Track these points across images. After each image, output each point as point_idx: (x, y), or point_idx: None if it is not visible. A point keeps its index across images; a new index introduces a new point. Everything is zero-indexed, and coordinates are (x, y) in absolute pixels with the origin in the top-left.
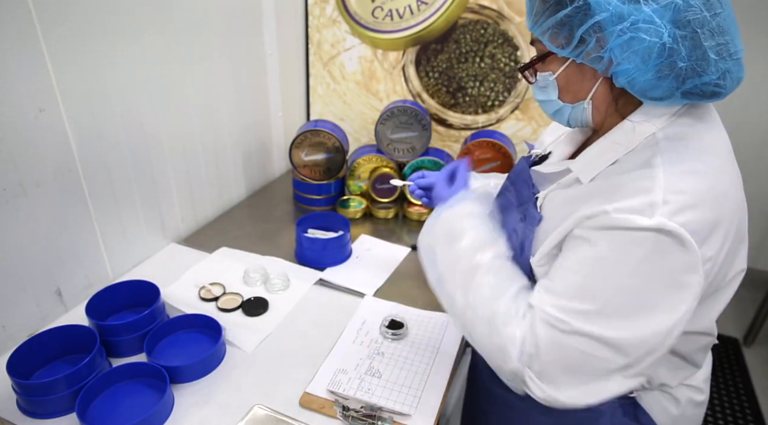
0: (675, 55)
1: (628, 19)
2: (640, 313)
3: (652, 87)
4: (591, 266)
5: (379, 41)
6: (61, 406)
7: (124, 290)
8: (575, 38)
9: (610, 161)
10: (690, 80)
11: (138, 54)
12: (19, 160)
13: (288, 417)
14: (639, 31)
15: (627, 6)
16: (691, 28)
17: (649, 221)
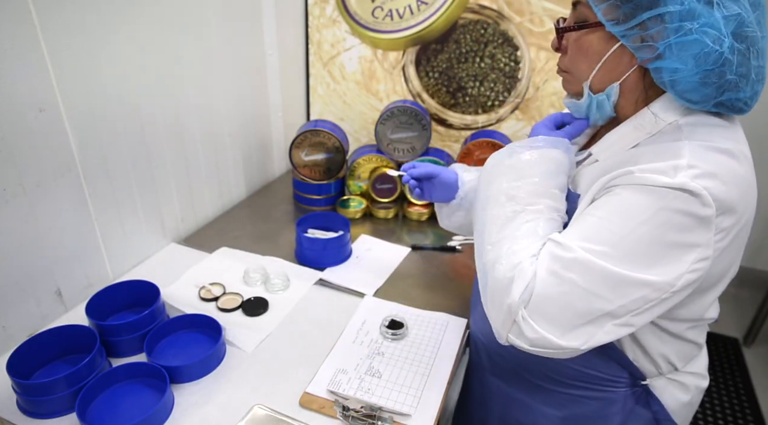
0: (727, 65)
1: (698, 19)
2: (645, 261)
3: (692, 90)
4: (607, 211)
5: (379, 41)
6: (61, 406)
7: (124, 290)
8: (635, 19)
9: (631, 144)
10: (728, 93)
11: (138, 54)
12: (19, 160)
13: (288, 417)
14: (704, 35)
15: (700, 6)
16: (746, 44)
17: (671, 179)
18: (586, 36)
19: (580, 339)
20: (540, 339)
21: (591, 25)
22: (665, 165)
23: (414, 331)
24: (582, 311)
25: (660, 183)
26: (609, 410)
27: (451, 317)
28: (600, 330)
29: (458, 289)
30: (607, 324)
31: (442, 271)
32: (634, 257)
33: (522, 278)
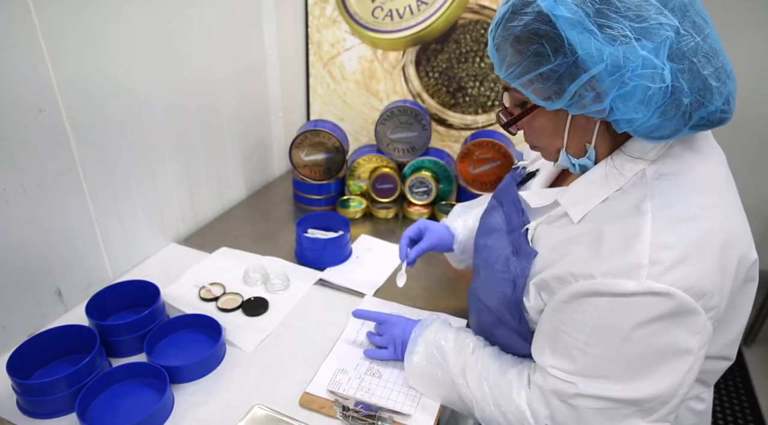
0: (677, 92)
1: (627, 66)
2: (643, 376)
3: (657, 128)
4: (586, 334)
5: (379, 41)
6: (61, 406)
7: (124, 290)
8: (567, 92)
9: (600, 198)
10: (696, 113)
11: (138, 54)
12: (19, 160)
13: (288, 417)
14: (641, 78)
15: (622, 50)
16: (687, 60)
17: (636, 284)
18: (533, 119)
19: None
20: None
21: (531, 109)
22: (627, 264)
23: None
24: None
25: (625, 291)
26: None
27: (451, 317)
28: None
29: (458, 289)
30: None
31: (442, 271)
32: (632, 373)
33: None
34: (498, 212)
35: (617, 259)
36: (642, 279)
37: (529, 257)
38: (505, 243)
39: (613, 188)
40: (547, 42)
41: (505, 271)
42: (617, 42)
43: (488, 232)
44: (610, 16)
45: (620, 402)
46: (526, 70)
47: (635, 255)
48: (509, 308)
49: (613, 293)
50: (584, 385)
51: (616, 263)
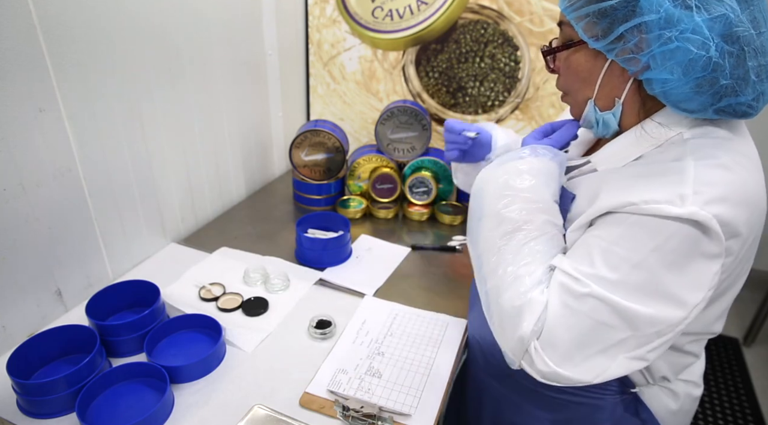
0: (719, 70)
1: (678, 26)
2: (658, 293)
3: (686, 99)
4: (617, 239)
5: (379, 41)
6: (61, 406)
7: (124, 290)
8: (613, 33)
9: (634, 155)
10: (726, 98)
11: (138, 54)
12: (19, 160)
13: (288, 417)
14: (687, 41)
15: (678, 11)
16: (738, 45)
17: (679, 209)
18: (573, 55)
19: (592, 372)
20: (552, 374)
21: (575, 44)
22: (671, 194)
23: (414, 331)
24: (595, 345)
25: (668, 214)
26: (598, 416)
27: (451, 318)
28: (613, 362)
29: (458, 289)
30: (620, 356)
31: (442, 271)
32: (647, 288)
33: (532, 309)
34: None
35: (660, 190)
36: (686, 206)
37: (568, 199)
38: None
39: (647, 147)
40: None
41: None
42: (677, 1)
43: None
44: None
45: (624, 318)
46: (588, 2)
47: (679, 187)
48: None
49: (653, 214)
50: (597, 286)
51: (660, 194)
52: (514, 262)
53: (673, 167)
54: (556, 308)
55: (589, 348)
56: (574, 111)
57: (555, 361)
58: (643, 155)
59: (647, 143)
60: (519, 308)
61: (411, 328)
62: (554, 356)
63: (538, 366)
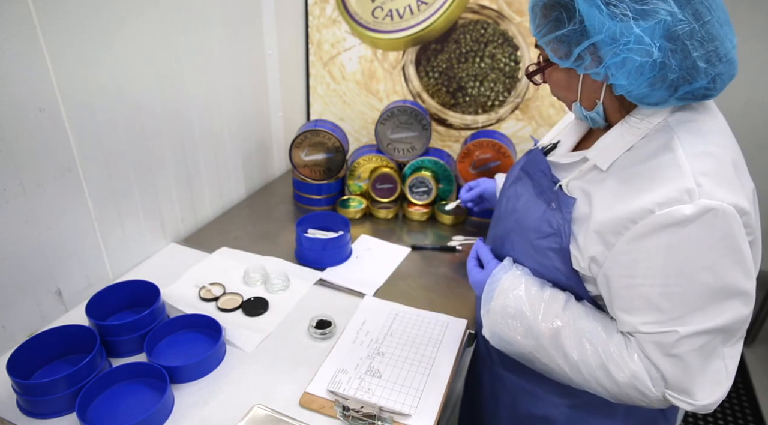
0: (666, 68)
1: (621, 40)
2: (727, 297)
3: (646, 95)
4: (661, 277)
5: (379, 41)
6: (61, 406)
7: (124, 290)
8: (573, 55)
9: (626, 146)
10: (681, 88)
11: (138, 54)
12: (19, 160)
13: (288, 417)
14: (631, 52)
15: (619, 26)
16: (680, 42)
17: (693, 207)
18: (552, 73)
19: (723, 382)
20: (702, 407)
21: (549, 64)
22: (677, 190)
23: (414, 331)
24: (709, 362)
25: (686, 216)
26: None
27: (451, 318)
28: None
29: (458, 289)
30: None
31: (442, 271)
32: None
33: (639, 377)
34: (524, 181)
35: (667, 188)
36: (696, 200)
37: (569, 204)
38: (537, 204)
39: (638, 136)
40: (564, 11)
41: (545, 226)
42: (617, 18)
43: (515, 199)
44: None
45: (715, 332)
46: (548, 31)
47: (682, 182)
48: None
49: (673, 223)
50: (682, 328)
51: (668, 193)
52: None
53: (667, 161)
54: (665, 363)
55: (708, 368)
56: (569, 107)
57: (695, 398)
58: (634, 146)
59: (634, 134)
60: (631, 386)
61: (411, 328)
62: (691, 396)
63: (689, 408)
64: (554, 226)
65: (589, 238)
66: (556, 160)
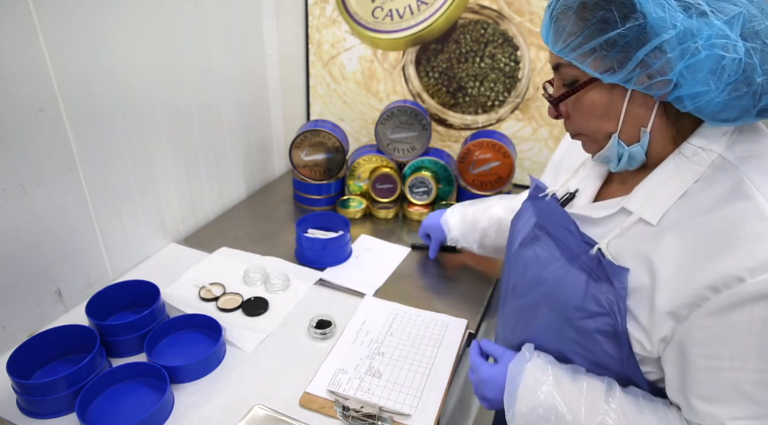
0: (750, 69)
1: (700, 35)
2: None
3: (725, 108)
4: (758, 360)
5: (379, 41)
6: (61, 406)
7: (124, 290)
8: (632, 61)
9: (679, 192)
10: (765, 96)
11: (139, 55)
12: (19, 160)
13: (288, 417)
14: (714, 48)
15: (695, 21)
16: (760, 40)
17: None
18: (584, 96)
19: None
20: None
21: (585, 83)
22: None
23: (414, 331)
24: None
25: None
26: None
27: (451, 318)
28: None
29: (458, 289)
30: None
31: (442, 271)
32: None
33: None
34: (544, 241)
35: (759, 248)
36: None
37: (620, 275)
38: (573, 273)
39: (689, 180)
40: (616, 7)
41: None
42: (690, 11)
43: (538, 265)
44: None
45: None
46: (589, 38)
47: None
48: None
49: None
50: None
51: (761, 254)
52: None
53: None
54: None
55: None
56: (590, 148)
57: None
58: (688, 191)
59: (688, 173)
60: None
61: (411, 328)
62: None
63: None
64: (604, 304)
65: (657, 317)
66: (585, 213)
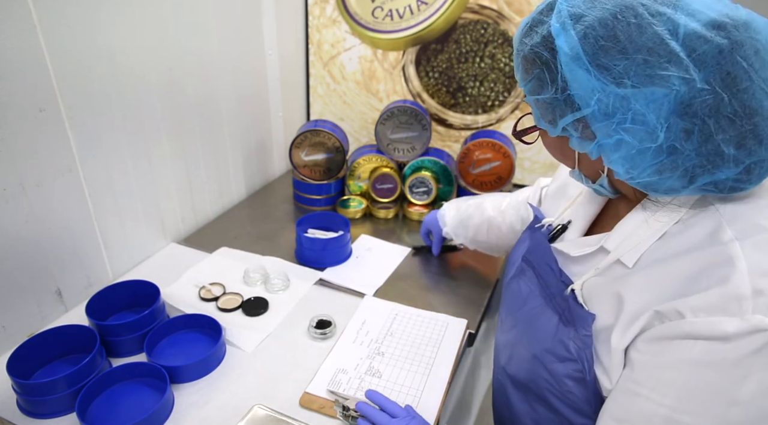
0: (676, 154)
1: (614, 117)
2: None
3: (652, 183)
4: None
5: (379, 41)
6: (61, 406)
7: (124, 290)
8: (558, 126)
9: (656, 236)
10: (700, 178)
11: (139, 55)
12: (19, 160)
13: (288, 417)
14: (628, 133)
15: (613, 98)
16: (699, 119)
17: (740, 323)
18: (544, 136)
19: None
20: None
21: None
22: (723, 297)
23: (414, 331)
24: None
25: (725, 333)
26: None
27: (451, 318)
28: None
29: (458, 289)
30: None
31: (442, 271)
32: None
33: None
34: (529, 276)
35: (709, 293)
36: (747, 314)
37: (585, 321)
38: (547, 314)
39: (669, 222)
40: (546, 70)
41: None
42: (611, 87)
43: (520, 301)
44: (614, 56)
45: None
46: (531, 90)
47: (733, 287)
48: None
49: (708, 337)
50: None
51: (709, 298)
52: None
53: (717, 255)
54: None
55: None
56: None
57: None
58: (667, 232)
59: (667, 216)
60: None
61: (411, 328)
62: None
63: None
64: (572, 350)
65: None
66: (566, 251)
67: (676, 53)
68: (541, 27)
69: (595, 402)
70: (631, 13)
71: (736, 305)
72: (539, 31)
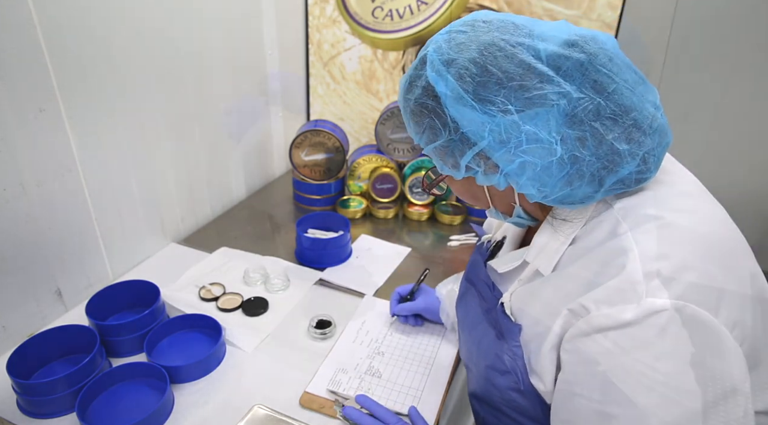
0: (579, 162)
1: (510, 142)
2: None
3: (566, 197)
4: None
5: (379, 41)
6: (61, 406)
7: (124, 290)
8: (461, 167)
9: (567, 241)
10: (608, 179)
11: (138, 55)
12: (19, 160)
13: (288, 417)
14: (527, 154)
15: (503, 125)
16: (588, 125)
17: (636, 308)
18: (451, 183)
19: None
20: None
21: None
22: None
23: (414, 331)
24: None
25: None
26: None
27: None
28: None
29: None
30: None
31: (443, 271)
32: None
33: None
34: (471, 294)
35: (609, 284)
36: (642, 298)
37: (513, 332)
38: (485, 329)
39: (578, 226)
40: (435, 117)
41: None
42: (499, 116)
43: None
44: (492, 88)
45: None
46: (427, 141)
47: (627, 274)
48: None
49: (614, 327)
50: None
51: (608, 290)
52: None
53: (613, 247)
54: None
55: None
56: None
57: None
58: (577, 237)
59: (574, 223)
60: None
61: (411, 328)
62: None
63: None
64: (506, 363)
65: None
66: (496, 267)
67: (545, 73)
68: (419, 80)
69: (542, 408)
70: (496, 48)
71: (632, 292)
72: (419, 84)
